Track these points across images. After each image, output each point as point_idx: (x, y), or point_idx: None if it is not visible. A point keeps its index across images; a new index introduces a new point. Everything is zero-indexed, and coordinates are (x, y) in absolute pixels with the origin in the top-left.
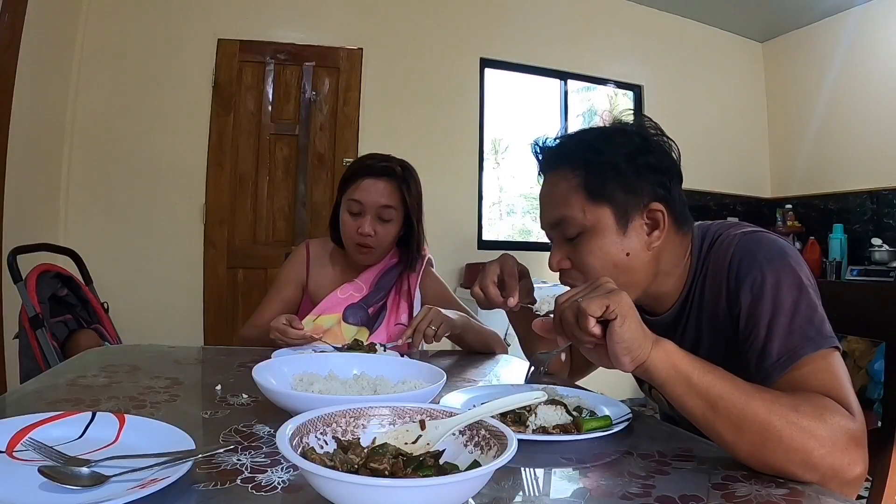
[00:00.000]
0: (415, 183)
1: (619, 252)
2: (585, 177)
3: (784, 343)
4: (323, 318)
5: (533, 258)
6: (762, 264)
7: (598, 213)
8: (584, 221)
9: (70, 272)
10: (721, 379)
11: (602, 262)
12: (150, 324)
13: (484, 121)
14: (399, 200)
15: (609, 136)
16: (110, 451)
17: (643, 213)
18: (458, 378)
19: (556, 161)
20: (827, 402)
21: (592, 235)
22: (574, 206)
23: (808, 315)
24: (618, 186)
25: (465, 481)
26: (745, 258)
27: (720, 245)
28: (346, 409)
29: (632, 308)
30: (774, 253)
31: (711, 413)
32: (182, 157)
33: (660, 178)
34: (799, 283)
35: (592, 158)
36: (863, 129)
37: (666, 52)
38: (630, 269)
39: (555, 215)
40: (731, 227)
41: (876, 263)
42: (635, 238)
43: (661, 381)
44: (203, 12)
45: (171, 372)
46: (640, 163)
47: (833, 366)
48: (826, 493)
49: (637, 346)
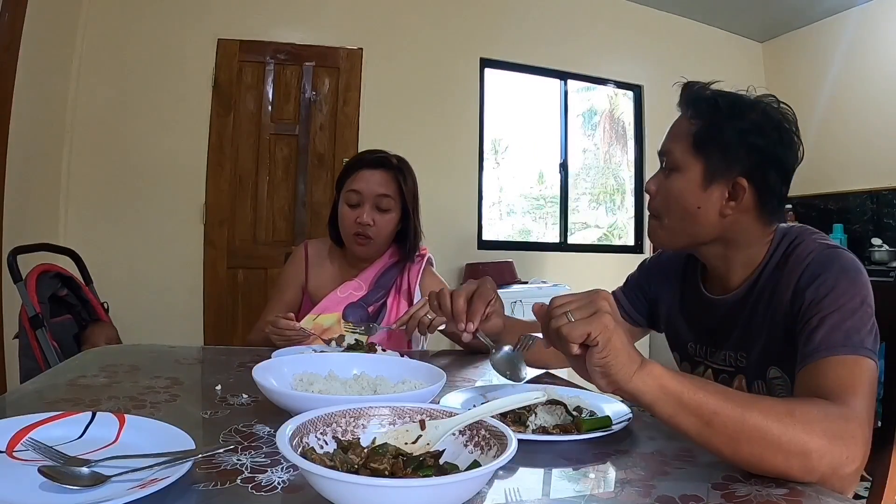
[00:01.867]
0: (411, 175)
1: (692, 202)
2: (698, 128)
3: (828, 335)
4: (323, 316)
5: (533, 258)
6: (836, 273)
7: (692, 161)
8: (678, 161)
9: (70, 272)
10: (713, 394)
11: (675, 202)
12: (150, 324)
13: (484, 121)
14: (396, 190)
15: (740, 106)
16: (110, 451)
17: (730, 182)
18: (458, 378)
19: (689, 104)
20: (822, 402)
21: (680, 176)
22: (678, 145)
23: (858, 325)
24: (717, 150)
25: (465, 481)
26: (822, 264)
27: (802, 248)
28: (346, 409)
29: (615, 336)
30: (850, 267)
31: (707, 430)
32: (182, 157)
33: (760, 160)
34: (863, 298)
35: (712, 117)
36: (863, 129)
37: (666, 52)
38: (694, 220)
39: (665, 146)
40: (814, 234)
41: (876, 263)
42: (712, 198)
43: (648, 403)
44: (203, 12)
45: (171, 372)
46: (749, 141)
47: (858, 368)
48: (826, 493)
49: (615, 371)
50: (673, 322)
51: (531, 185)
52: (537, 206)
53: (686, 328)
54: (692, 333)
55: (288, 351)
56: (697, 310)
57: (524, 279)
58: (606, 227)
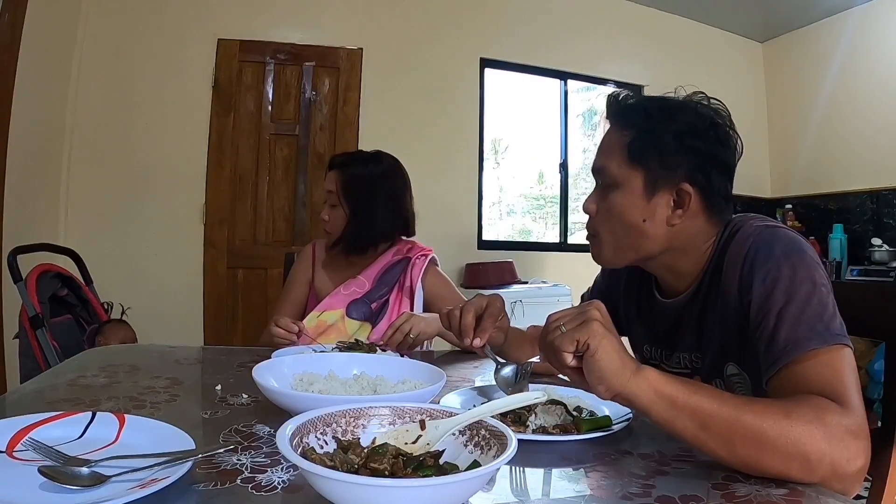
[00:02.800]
0: (356, 170)
1: (636, 215)
2: (631, 138)
3: (791, 333)
4: (327, 313)
5: (533, 258)
6: (778, 258)
7: (630, 173)
8: (616, 176)
9: (70, 272)
10: (708, 397)
11: (618, 218)
12: (150, 324)
13: (484, 121)
14: (338, 186)
15: (672, 109)
16: (110, 451)
17: (673, 190)
18: (458, 378)
19: (618, 116)
20: (820, 402)
21: (620, 192)
22: (613, 160)
23: (818, 311)
24: (655, 157)
25: (465, 481)
26: (762, 250)
27: (740, 235)
28: (346, 409)
29: (605, 340)
30: (792, 248)
31: (703, 433)
32: (182, 157)
33: (701, 162)
34: (813, 280)
35: (644, 125)
36: (863, 129)
37: (666, 52)
38: (642, 233)
39: (598, 162)
40: (751, 218)
41: (876, 263)
42: (657, 209)
43: (643, 407)
44: (203, 12)
45: (171, 372)
46: (686, 143)
47: (837, 361)
48: (826, 493)
49: (611, 376)
50: (631, 326)
51: (531, 185)
52: (537, 206)
53: (642, 331)
54: (647, 337)
55: (288, 351)
56: (651, 313)
57: (524, 279)
58: None
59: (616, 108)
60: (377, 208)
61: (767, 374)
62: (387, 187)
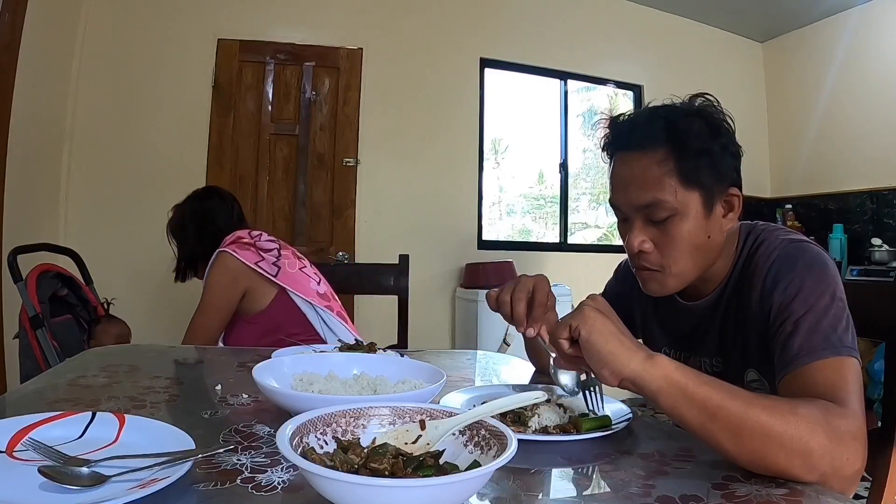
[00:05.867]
0: (181, 206)
1: (702, 235)
2: (678, 161)
3: (806, 341)
4: None
5: (533, 258)
6: (801, 270)
7: (688, 196)
8: (675, 205)
9: (70, 272)
10: (718, 389)
11: (687, 245)
12: (150, 324)
13: (484, 121)
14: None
15: (693, 117)
16: (110, 451)
17: (724, 197)
18: (458, 378)
19: (644, 141)
20: (824, 403)
21: (682, 219)
22: (666, 190)
23: (834, 323)
24: (708, 172)
25: (465, 481)
26: (787, 262)
27: (765, 247)
28: (346, 409)
29: (598, 322)
30: (815, 262)
31: (710, 423)
32: (182, 157)
33: (737, 162)
34: (833, 294)
35: (687, 141)
36: (863, 129)
37: (666, 53)
38: (709, 249)
39: (645, 198)
40: (776, 230)
41: (876, 263)
42: (716, 221)
43: (652, 393)
44: (203, 12)
45: (171, 372)
46: (729, 148)
47: (844, 369)
48: (826, 492)
49: (613, 359)
50: (647, 327)
51: (531, 185)
52: (537, 206)
53: (660, 333)
54: (667, 339)
55: (288, 351)
56: (671, 316)
57: None
58: (606, 227)
59: (635, 133)
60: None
61: (778, 377)
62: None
